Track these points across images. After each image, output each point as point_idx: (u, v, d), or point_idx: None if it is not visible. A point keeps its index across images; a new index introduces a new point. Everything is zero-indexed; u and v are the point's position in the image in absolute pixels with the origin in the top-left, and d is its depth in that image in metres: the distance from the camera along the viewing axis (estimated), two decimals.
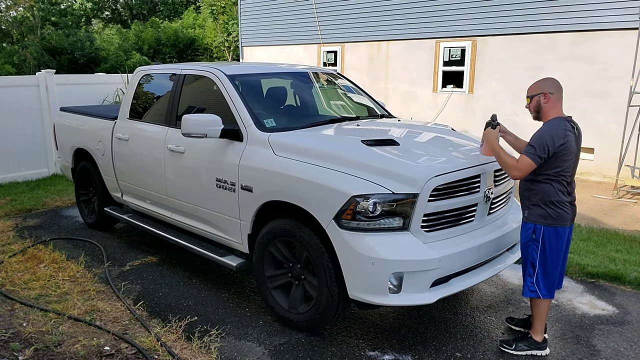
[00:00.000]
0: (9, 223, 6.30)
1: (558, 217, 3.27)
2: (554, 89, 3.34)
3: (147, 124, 5.03)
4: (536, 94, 3.36)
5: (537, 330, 3.48)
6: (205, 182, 4.23)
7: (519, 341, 3.49)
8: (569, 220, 3.31)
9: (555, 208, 3.27)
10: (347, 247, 3.23)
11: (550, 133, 3.18)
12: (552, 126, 3.22)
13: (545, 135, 3.18)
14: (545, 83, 3.37)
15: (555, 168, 3.22)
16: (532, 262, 3.38)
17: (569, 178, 3.29)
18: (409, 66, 11.37)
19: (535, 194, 3.31)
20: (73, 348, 3.45)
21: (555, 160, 3.20)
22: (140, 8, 35.59)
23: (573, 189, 3.36)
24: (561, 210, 3.27)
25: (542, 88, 3.34)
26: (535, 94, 3.37)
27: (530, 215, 3.36)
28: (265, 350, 3.52)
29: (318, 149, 3.62)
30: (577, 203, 3.46)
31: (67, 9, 31.17)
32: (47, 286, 4.47)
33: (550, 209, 3.28)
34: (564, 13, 8.92)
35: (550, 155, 3.17)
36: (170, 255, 5.28)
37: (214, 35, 24.42)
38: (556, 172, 3.23)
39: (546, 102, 3.33)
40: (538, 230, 3.32)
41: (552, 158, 3.19)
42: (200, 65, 4.73)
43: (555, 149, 3.16)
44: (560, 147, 3.16)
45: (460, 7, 10.25)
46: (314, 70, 5.26)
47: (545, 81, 3.39)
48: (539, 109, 3.38)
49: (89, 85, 9.57)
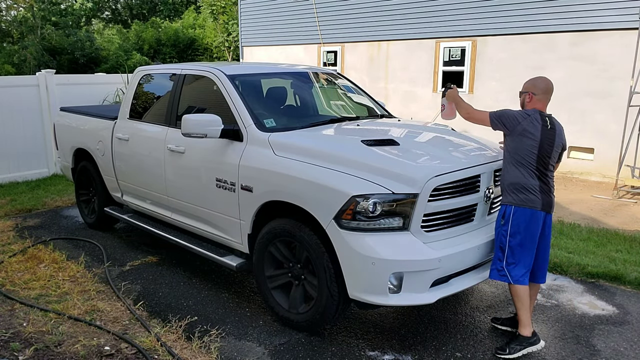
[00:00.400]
0: (9, 223, 6.30)
1: (526, 200, 3.37)
2: (541, 90, 3.47)
3: (147, 124, 5.03)
4: (524, 92, 3.54)
5: (523, 323, 3.47)
6: (205, 182, 4.23)
7: (510, 343, 3.46)
8: (539, 205, 3.36)
9: (524, 192, 3.37)
10: (347, 247, 3.23)
11: (521, 113, 3.42)
12: (527, 112, 3.44)
13: (514, 111, 3.44)
14: (533, 83, 3.52)
15: (517, 151, 3.38)
16: (501, 245, 3.44)
17: (536, 165, 3.37)
18: (409, 66, 11.37)
19: (506, 178, 3.46)
20: (73, 348, 3.45)
21: (514, 141, 3.39)
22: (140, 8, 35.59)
23: (548, 179, 3.43)
24: (530, 194, 3.37)
25: (529, 88, 3.51)
26: (523, 92, 3.54)
27: (503, 198, 3.48)
28: (265, 350, 3.52)
29: (318, 149, 3.62)
30: (578, 203, 3.48)
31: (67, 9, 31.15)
32: (47, 286, 4.47)
33: (519, 193, 3.38)
34: (564, 13, 8.92)
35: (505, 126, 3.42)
36: (170, 255, 5.28)
37: (214, 35, 24.42)
38: (519, 156, 3.38)
39: (529, 102, 3.50)
40: (508, 211, 3.40)
41: (511, 137, 3.40)
42: (200, 65, 4.73)
43: (511, 125, 3.38)
44: (518, 125, 3.36)
45: (460, 7, 10.25)
46: (314, 70, 5.26)
47: (535, 81, 3.53)
48: (522, 106, 3.56)
49: (89, 85, 9.57)
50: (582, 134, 8.97)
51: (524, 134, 3.35)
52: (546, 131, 3.38)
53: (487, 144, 4.11)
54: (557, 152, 3.47)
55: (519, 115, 3.40)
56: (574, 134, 9.07)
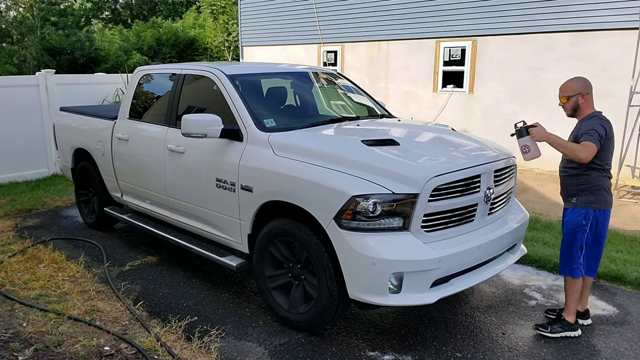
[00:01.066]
0: (9, 223, 6.30)
1: (604, 201, 3.57)
2: (589, 89, 3.61)
3: (147, 124, 5.03)
4: (574, 94, 3.58)
5: (571, 310, 3.71)
6: (205, 182, 4.23)
7: (553, 324, 3.71)
8: (611, 204, 3.63)
9: (603, 193, 3.56)
10: (347, 247, 3.23)
11: (602, 124, 3.46)
12: (601, 118, 3.51)
13: (598, 125, 3.44)
14: (581, 84, 3.60)
15: (601, 158, 3.50)
16: (582, 245, 3.63)
17: (610, 166, 3.59)
18: (409, 66, 11.37)
19: (583, 182, 3.56)
20: (73, 348, 3.44)
21: (601, 151, 3.47)
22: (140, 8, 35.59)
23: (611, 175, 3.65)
24: (607, 195, 3.58)
25: (580, 88, 3.58)
26: (573, 94, 3.58)
27: (579, 201, 3.59)
28: (265, 351, 3.52)
29: (318, 149, 3.62)
30: None
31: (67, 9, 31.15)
32: (47, 286, 4.46)
33: (599, 195, 3.56)
34: (564, 13, 8.92)
35: (603, 143, 3.44)
36: (170, 255, 5.28)
37: (214, 35, 24.42)
38: (602, 161, 3.51)
39: (584, 102, 3.57)
40: (589, 214, 3.58)
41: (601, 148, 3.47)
42: (200, 65, 4.72)
43: (606, 139, 3.46)
44: (607, 138, 3.46)
45: (460, 7, 10.25)
46: (314, 70, 5.26)
47: (580, 81, 3.61)
48: (576, 108, 3.61)
49: (89, 85, 9.57)
50: None
51: (611, 141, 3.52)
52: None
53: (487, 144, 4.11)
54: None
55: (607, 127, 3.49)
56: None
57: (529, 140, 3.63)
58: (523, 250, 4.15)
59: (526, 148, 3.64)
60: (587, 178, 3.55)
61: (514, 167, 4.07)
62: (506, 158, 3.90)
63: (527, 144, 3.63)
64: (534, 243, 5.46)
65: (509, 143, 4.30)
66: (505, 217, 3.98)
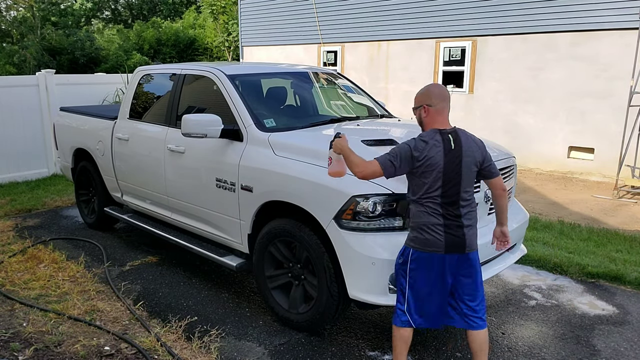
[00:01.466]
0: (9, 223, 6.30)
1: (426, 242, 2.83)
2: (435, 99, 2.92)
3: (147, 124, 5.03)
4: (417, 106, 3.01)
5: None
6: (205, 182, 4.23)
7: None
8: (442, 247, 2.81)
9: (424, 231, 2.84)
10: (347, 247, 3.23)
11: (409, 142, 2.86)
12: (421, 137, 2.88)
13: (403, 144, 2.88)
14: (425, 94, 2.97)
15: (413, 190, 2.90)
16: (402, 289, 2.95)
17: (444, 199, 2.81)
18: (409, 66, 11.37)
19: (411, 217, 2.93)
20: (73, 348, 3.45)
21: (411, 179, 2.91)
22: (140, 8, 35.59)
23: (461, 213, 2.84)
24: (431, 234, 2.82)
25: (423, 99, 2.97)
26: (417, 107, 3.02)
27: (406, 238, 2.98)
28: (265, 350, 3.52)
29: (318, 149, 3.62)
30: (578, 203, 3.45)
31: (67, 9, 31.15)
32: (47, 286, 4.46)
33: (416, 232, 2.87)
34: (564, 13, 8.93)
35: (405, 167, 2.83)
36: (170, 255, 5.28)
37: (214, 35, 24.42)
38: (415, 194, 2.88)
39: (426, 116, 2.96)
40: (407, 253, 2.91)
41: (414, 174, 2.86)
42: (200, 65, 4.73)
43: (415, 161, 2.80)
44: (418, 161, 2.80)
45: (460, 7, 10.25)
46: (314, 70, 5.26)
47: (425, 92, 2.98)
48: (420, 122, 3.03)
49: (89, 85, 9.57)
50: (582, 134, 8.98)
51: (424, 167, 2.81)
52: (447, 153, 2.81)
53: (487, 144, 4.10)
54: (473, 171, 2.90)
55: (414, 148, 2.82)
56: (574, 134, 9.08)
57: (331, 153, 3.05)
58: (523, 250, 4.15)
59: (329, 161, 3.08)
60: (412, 212, 2.91)
61: (514, 167, 4.07)
62: (506, 158, 3.90)
63: (330, 157, 3.07)
64: (534, 243, 5.46)
65: (509, 143, 4.30)
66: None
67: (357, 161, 2.91)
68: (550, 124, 9.36)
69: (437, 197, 2.82)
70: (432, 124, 2.94)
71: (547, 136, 9.42)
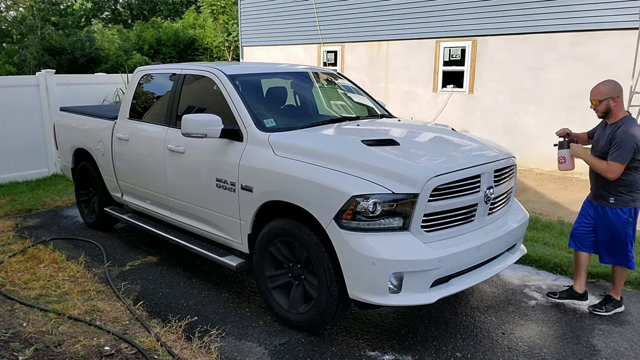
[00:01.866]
0: (9, 223, 6.30)
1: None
2: (620, 92, 3.80)
3: (147, 124, 5.03)
4: (605, 98, 3.78)
5: (618, 291, 4.10)
6: (205, 182, 4.23)
7: (605, 304, 4.05)
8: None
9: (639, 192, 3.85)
10: (347, 247, 3.23)
11: (635, 139, 3.66)
12: (635, 130, 3.68)
13: (631, 140, 3.66)
14: (612, 87, 3.78)
15: (635, 161, 3.74)
16: (631, 241, 3.94)
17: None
18: (409, 66, 11.37)
19: (623, 185, 3.80)
20: (73, 348, 3.45)
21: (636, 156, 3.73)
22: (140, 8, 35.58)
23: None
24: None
25: (611, 92, 3.77)
26: (605, 98, 3.78)
27: (621, 201, 3.84)
28: (265, 350, 3.52)
29: (318, 149, 3.62)
30: (578, 203, 3.54)
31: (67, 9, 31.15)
32: (47, 286, 4.46)
33: (637, 194, 3.83)
34: (564, 13, 8.93)
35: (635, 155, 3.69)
36: (170, 255, 5.28)
37: (214, 35, 24.42)
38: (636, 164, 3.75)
39: (615, 106, 3.78)
40: (635, 212, 3.87)
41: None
42: (200, 65, 4.73)
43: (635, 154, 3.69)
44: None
45: (460, 7, 10.25)
46: (314, 70, 5.26)
47: (610, 84, 3.80)
48: (607, 111, 3.82)
49: (89, 85, 9.57)
50: None
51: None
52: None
53: (487, 144, 4.11)
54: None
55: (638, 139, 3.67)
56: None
57: (567, 153, 4.06)
58: (523, 250, 4.15)
59: (563, 159, 4.07)
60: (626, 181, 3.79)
61: (514, 167, 4.08)
62: (506, 158, 3.90)
63: (564, 156, 4.07)
64: (534, 243, 5.46)
65: (509, 143, 4.32)
66: (505, 217, 3.98)
67: (604, 166, 3.77)
68: (550, 124, 9.35)
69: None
70: (619, 112, 3.80)
71: (547, 136, 9.40)
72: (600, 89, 3.81)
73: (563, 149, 4.08)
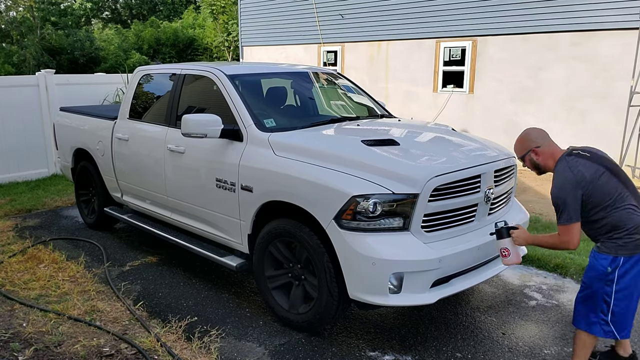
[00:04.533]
0: (9, 223, 6.30)
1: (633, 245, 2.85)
2: (539, 139, 3.05)
3: (147, 124, 5.03)
4: (524, 153, 3.09)
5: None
6: (205, 182, 4.22)
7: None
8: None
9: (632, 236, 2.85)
10: (348, 247, 3.23)
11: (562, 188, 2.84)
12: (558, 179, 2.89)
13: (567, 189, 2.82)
14: (527, 139, 3.08)
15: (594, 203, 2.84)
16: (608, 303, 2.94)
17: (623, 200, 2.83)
18: (409, 66, 11.37)
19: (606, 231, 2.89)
20: (73, 348, 3.44)
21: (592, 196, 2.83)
22: (140, 8, 35.58)
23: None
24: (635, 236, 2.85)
25: (527, 145, 3.07)
26: (524, 154, 3.09)
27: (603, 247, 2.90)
28: (265, 351, 3.52)
29: (318, 149, 3.62)
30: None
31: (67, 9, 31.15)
32: (47, 286, 4.46)
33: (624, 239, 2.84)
34: (564, 13, 8.93)
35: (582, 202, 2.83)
36: (170, 255, 5.28)
37: (213, 35, 24.42)
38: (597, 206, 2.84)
39: (538, 157, 3.04)
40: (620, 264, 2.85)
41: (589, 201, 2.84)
42: (200, 65, 4.72)
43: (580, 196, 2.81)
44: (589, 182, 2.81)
45: (460, 7, 10.25)
46: (314, 70, 5.26)
47: (526, 137, 3.10)
48: (537, 165, 3.08)
49: (89, 85, 9.57)
50: (582, 134, 8.97)
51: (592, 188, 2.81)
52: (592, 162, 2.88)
53: (487, 144, 4.11)
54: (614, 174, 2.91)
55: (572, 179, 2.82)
56: (574, 134, 9.07)
57: (509, 243, 3.13)
58: (523, 250, 4.15)
59: (505, 251, 3.13)
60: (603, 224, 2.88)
61: (514, 167, 4.07)
62: (506, 158, 3.90)
63: (507, 247, 3.13)
64: None
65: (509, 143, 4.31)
66: (506, 217, 3.98)
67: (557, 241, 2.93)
68: (551, 124, 9.36)
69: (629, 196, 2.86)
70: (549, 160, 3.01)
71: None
72: (516, 146, 3.13)
73: (503, 238, 3.15)
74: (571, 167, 2.86)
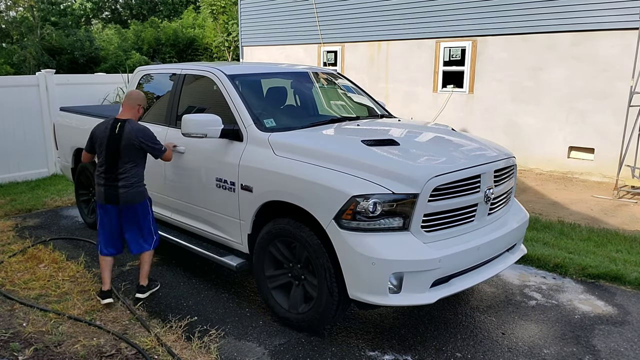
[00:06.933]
0: (9, 223, 6.30)
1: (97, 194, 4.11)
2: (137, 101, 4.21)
3: (147, 123, 5.02)
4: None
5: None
6: (205, 182, 4.23)
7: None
8: (101, 198, 4.06)
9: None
10: (347, 247, 3.23)
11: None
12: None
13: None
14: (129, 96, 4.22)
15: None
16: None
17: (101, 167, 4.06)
18: (409, 66, 11.37)
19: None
20: (73, 348, 3.45)
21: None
22: (140, 8, 35.57)
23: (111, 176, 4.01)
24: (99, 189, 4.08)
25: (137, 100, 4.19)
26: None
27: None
28: (265, 350, 3.52)
29: (318, 149, 3.62)
30: (578, 203, 3.43)
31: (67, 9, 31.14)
32: (47, 286, 4.46)
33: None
34: (564, 13, 8.92)
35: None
36: (170, 255, 5.28)
37: (213, 35, 24.42)
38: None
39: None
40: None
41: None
42: (200, 65, 4.72)
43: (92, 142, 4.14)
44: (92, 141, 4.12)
45: (460, 7, 10.25)
46: (314, 70, 5.26)
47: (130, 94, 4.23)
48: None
49: (89, 85, 9.58)
50: (582, 134, 8.98)
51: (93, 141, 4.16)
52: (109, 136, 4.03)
53: (487, 144, 4.11)
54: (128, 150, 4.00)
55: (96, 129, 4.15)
56: (574, 134, 9.08)
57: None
58: (523, 250, 4.15)
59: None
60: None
61: (514, 167, 4.07)
62: (506, 158, 3.90)
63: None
64: (534, 243, 5.46)
65: (509, 143, 4.31)
66: (505, 217, 3.98)
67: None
68: (551, 124, 9.36)
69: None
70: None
71: (547, 136, 9.42)
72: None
73: None
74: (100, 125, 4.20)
